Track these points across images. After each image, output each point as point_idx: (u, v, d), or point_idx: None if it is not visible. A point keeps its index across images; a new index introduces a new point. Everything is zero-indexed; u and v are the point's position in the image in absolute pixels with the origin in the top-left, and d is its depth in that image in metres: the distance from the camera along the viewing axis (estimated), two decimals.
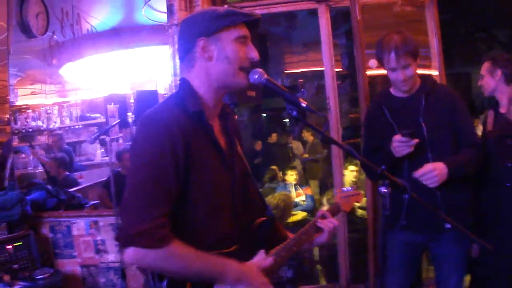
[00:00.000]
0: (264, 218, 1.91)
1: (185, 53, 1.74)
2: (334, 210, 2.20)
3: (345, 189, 2.29)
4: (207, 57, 1.69)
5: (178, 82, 1.79)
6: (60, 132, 6.81)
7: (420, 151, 2.64)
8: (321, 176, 8.16)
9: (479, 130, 3.45)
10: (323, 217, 2.02)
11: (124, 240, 1.52)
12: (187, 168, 1.59)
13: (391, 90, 2.92)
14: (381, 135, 2.85)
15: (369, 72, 4.11)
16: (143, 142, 1.60)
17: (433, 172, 2.55)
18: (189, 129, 1.62)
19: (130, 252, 1.51)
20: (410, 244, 2.86)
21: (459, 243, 2.79)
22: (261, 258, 1.80)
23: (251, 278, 1.70)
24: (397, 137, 2.62)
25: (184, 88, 1.72)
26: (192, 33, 1.70)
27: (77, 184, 5.84)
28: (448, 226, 2.69)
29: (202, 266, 1.60)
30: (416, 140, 2.59)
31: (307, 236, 1.96)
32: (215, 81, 1.72)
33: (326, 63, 3.93)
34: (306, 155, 8.88)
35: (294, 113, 1.71)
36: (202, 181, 1.65)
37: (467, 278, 3.13)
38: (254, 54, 1.74)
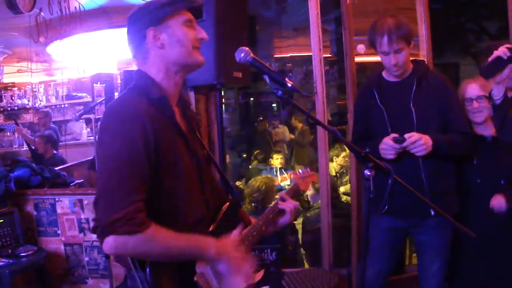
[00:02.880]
0: (231, 201, 1.97)
1: (137, 46, 1.77)
2: (295, 189, 2.37)
3: (301, 171, 2.49)
4: (159, 45, 1.74)
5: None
6: (47, 109, 6.76)
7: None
8: (308, 161, 8.19)
9: None
10: (283, 200, 2.11)
11: (101, 229, 1.50)
12: (157, 153, 1.61)
13: (383, 73, 2.92)
14: (369, 118, 2.87)
15: (358, 59, 4.11)
16: (113, 130, 1.60)
17: (420, 140, 2.60)
18: (154, 115, 1.65)
19: (110, 241, 1.50)
20: (392, 229, 2.89)
21: (442, 231, 2.83)
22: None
23: (230, 252, 1.73)
24: (388, 140, 2.66)
25: (142, 78, 1.76)
26: (140, 25, 1.74)
27: (64, 163, 5.80)
28: (433, 212, 2.72)
29: (183, 245, 1.62)
30: (399, 146, 2.64)
31: (270, 218, 2.04)
32: (173, 65, 1.76)
33: (314, 46, 3.91)
34: (292, 136, 8.89)
35: (279, 92, 1.73)
36: (172, 166, 1.68)
37: None
38: (203, 34, 1.81)
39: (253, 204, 4.51)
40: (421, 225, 2.84)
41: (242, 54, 1.73)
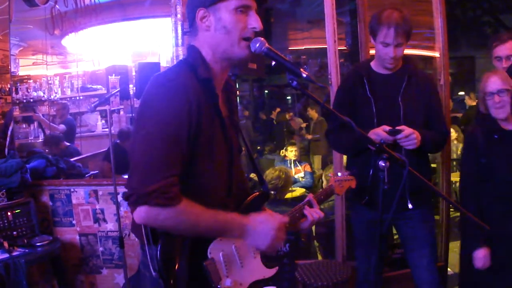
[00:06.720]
0: (260, 192, 1.97)
1: (190, 22, 1.77)
2: (329, 192, 2.26)
3: (340, 173, 2.33)
4: (206, 27, 1.72)
5: (180, 52, 1.82)
6: (64, 101, 6.79)
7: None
8: (324, 152, 8.22)
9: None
10: (310, 205, 2.06)
11: (135, 198, 1.53)
12: (197, 131, 1.63)
13: (372, 64, 2.93)
14: (354, 107, 2.85)
15: (373, 51, 4.08)
16: (159, 102, 1.60)
17: (413, 134, 2.61)
18: (200, 94, 1.65)
19: (142, 211, 1.54)
20: (375, 221, 2.87)
21: (425, 223, 2.87)
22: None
23: (262, 229, 1.75)
24: (380, 132, 2.63)
25: (194, 55, 1.75)
26: (193, 3, 1.73)
27: (78, 154, 5.83)
28: (411, 206, 2.78)
29: (210, 221, 1.65)
30: (392, 139, 2.63)
31: (296, 217, 2.02)
32: (217, 52, 1.74)
33: (329, 39, 3.89)
34: (309, 136, 8.89)
35: (294, 83, 1.72)
36: (208, 147, 1.69)
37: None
38: (257, 23, 1.73)
39: (272, 192, 4.55)
40: (400, 217, 2.86)
41: (257, 44, 1.71)
